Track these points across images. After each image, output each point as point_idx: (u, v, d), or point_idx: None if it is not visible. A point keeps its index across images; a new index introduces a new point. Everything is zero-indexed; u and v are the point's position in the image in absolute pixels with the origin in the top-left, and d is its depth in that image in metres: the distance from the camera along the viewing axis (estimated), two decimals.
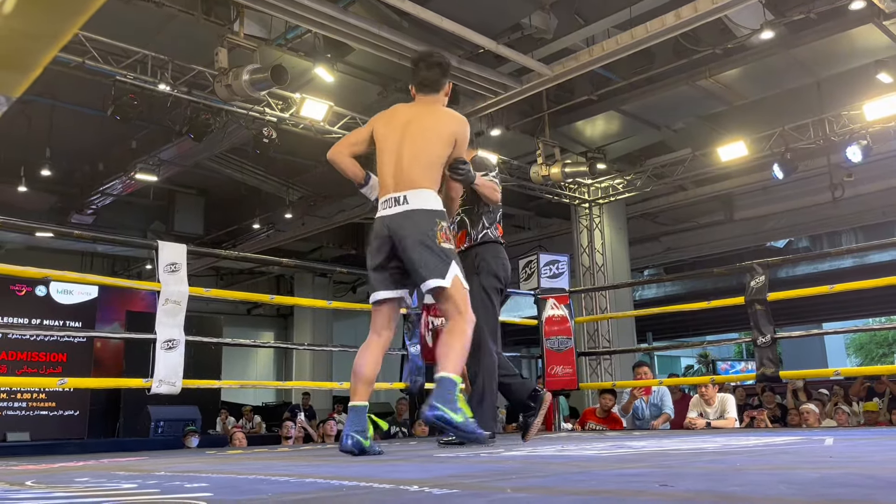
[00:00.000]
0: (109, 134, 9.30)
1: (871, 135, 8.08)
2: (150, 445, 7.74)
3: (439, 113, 3.02)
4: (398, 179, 2.89)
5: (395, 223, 2.83)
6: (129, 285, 6.48)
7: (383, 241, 2.86)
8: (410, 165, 2.88)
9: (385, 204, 2.89)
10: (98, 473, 2.32)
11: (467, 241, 3.60)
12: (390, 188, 2.89)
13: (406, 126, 2.95)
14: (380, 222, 2.89)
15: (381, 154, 2.95)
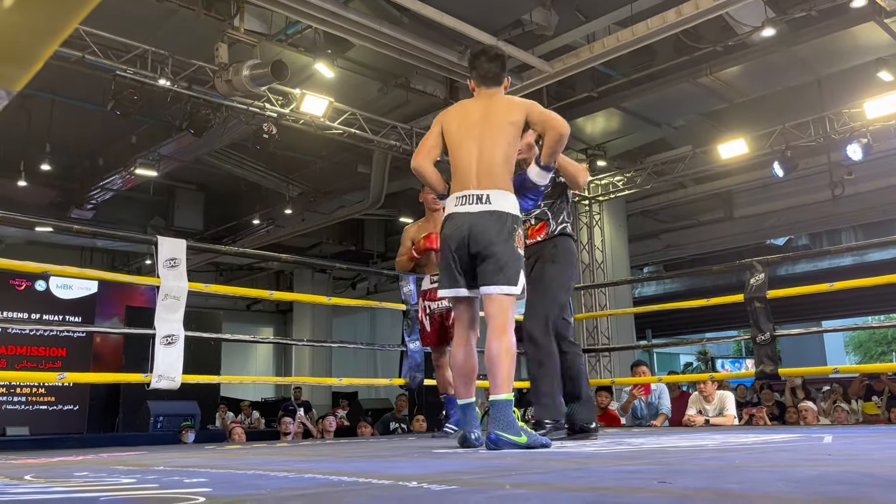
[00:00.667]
0: (109, 129, 9.29)
1: (872, 133, 8.07)
2: (150, 440, 7.75)
3: (510, 104, 2.96)
4: (479, 177, 2.85)
5: (478, 221, 2.80)
6: (129, 280, 6.47)
7: (462, 238, 2.82)
8: (491, 163, 2.84)
9: (463, 200, 2.84)
10: (97, 468, 2.32)
11: (544, 233, 3.62)
12: (470, 185, 2.85)
13: (482, 122, 2.90)
14: (460, 219, 2.83)
15: (456, 150, 2.91)
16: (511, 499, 1.28)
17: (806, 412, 6.30)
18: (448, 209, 2.89)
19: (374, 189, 10.30)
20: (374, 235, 14.15)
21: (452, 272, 2.86)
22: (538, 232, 3.61)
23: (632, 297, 12.01)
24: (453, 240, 2.83)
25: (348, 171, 10.99)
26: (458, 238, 2.81)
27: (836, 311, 15.91)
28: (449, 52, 7.19)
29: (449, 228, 2.85)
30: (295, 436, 7.58)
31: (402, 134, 8.69)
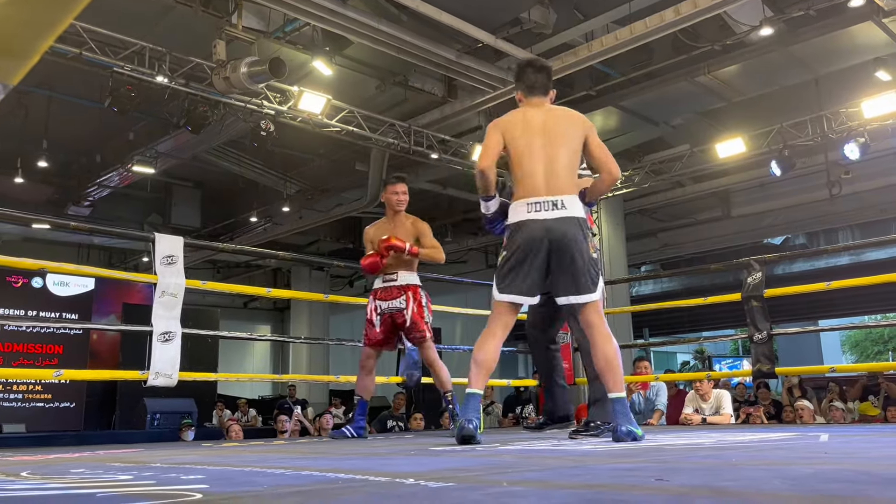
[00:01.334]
0: (107, 126, 9.27)
1: (869, 132, 8.08)
2: (147, 438, 7.74)
3: (570, 116, 3.06)
4: (549, 184, 2.89)
5: (558, 227, 2.83)
6: (126, 277, 6.48)
7: (538, 244, 2.83)
8: (560, 171, 2.90)
9: (537, 206, 2.86)
10: (94, 465, 2.32)
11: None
12: (541, 191, 2.88)
13: (545, 131, 2.96)
14: (537, 225, 2.84)
15: (522, 157, 2.94)
16: (508, 496, 1.28)
17: (802, 411, 6.31)
18: (517, 216, 2.90)
19: (372, 187, 10.30)
20: None
21: (526, 279, 2.88)
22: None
23: (629, 295, 12.01)
24: (530, 246, 2.84)
25: (346, 169, 10.98)
26: (536, 244, 2.83)
27: (832, 311, 15.93)
28: (447, 50, 7.18)
29: (524, 235, 2.86)
30: (292, 434, 7.58)
31: (400, 132, 8.68)
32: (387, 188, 4.40)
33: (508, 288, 2.91)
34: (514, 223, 2.91)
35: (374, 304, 4.34)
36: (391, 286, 4.33)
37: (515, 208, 2.91)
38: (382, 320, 4.27)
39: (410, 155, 8.91)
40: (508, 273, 2.91)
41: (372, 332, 4.29)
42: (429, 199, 12.69)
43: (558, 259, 2.84)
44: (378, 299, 4.33)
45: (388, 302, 4.29)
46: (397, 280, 4.33)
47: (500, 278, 2.95)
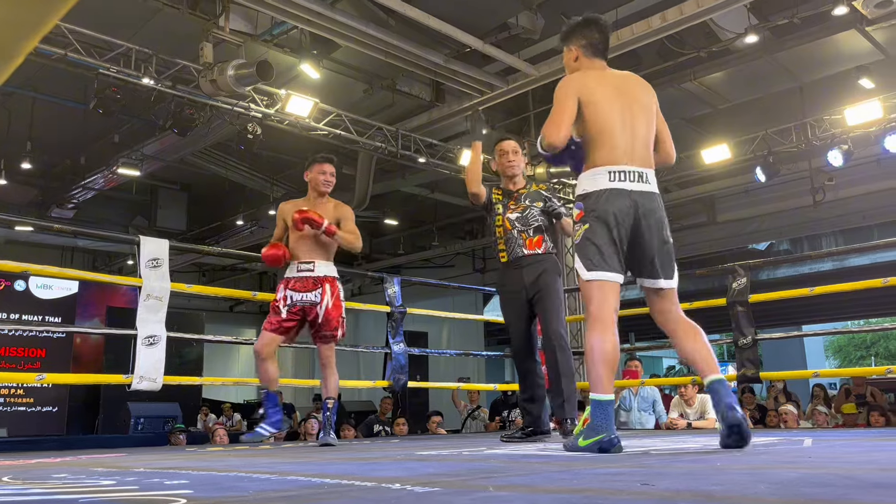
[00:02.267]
0: (92, 128, 9.22)
1: (852, 139, 8.16)
2: (130, 442, 7.67)
3: (643, 83, 2.78)
4: (634, 153, 2.59)
5: (646, 202, 2.55)
6: (111, 280, 6.43)
7: (626, 216, 2.51)
8: (644, 140, 2.63)
9: (623, 175, 2.54)
10: (76, 470, 2.30)
11: (543, 246, 3.90)
12: (624, 159, 2.56)
13: (622, 95, 2.67)
14: (626, 195, 2.52)
15: (606, 121, 2.59)
16: (494, 501, 1.28)
17: (786, 415, 6.35)
18: (599, 183, 2.55)
19: (359, 191, 10.28)
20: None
21: (614, 255, 2.52)
22: (536, 244, 3.86)
23: None
24: (619, 217, 2.51)
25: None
26: (623, 216, 2.51)
27: (816, 316, 16.07)
28: (435, 54, 7.19)
29: (611, 205, 2.51)
30: (277, 438, 7.53)
31: (388, 136, 8.68)
32: (313, 167, 4.17)
33: (600, 264, 2.51)
34: (593, 191, 2.56)
35: (284, 294, 3.95)
36: (306, 277, 3.98)
37: (593, 176, 2.57)
38: (292, 312, 3.93)
39: (398, 159, 8.91)
40: (600, 249, 2.52)
41: (276, 319, 3.91)
42: (416, 203, 12.70)
43: (646, 238, 2.55)
44: (290, 290, 3.95)
45: (301, 294, 3.94)
46: (314, 270, 3.99)
47: (586, 256, 2.54)
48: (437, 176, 10.29)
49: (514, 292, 3.89)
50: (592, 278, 2.51)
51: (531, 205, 3.90)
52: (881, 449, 2.58)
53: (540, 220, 3.88)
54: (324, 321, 3.92)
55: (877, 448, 2.61)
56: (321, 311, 3.92)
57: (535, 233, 3.86)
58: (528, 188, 3.98)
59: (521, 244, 3.84)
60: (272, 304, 4.01)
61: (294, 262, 4.03)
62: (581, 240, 2.57)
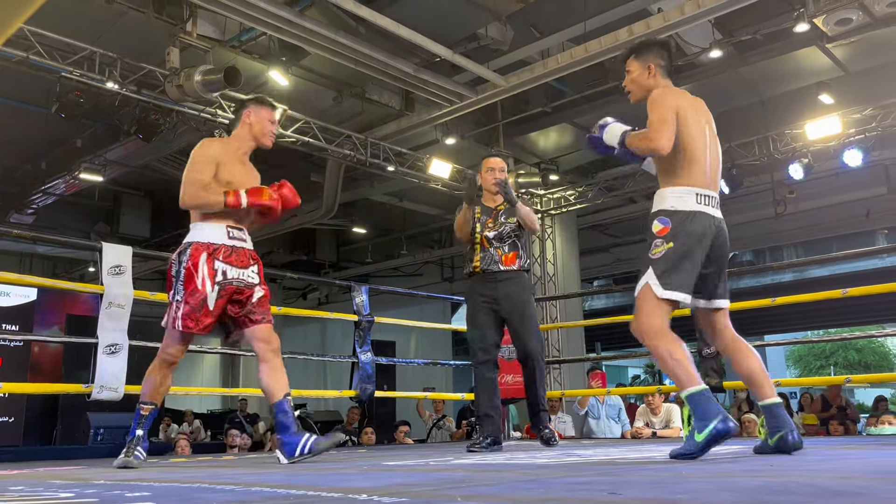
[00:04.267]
0: (53, 132, 9.02)
1: (813, 153, 8.35)
2: (89, 453, 7.50)
3: (709, 111, 2.85)
4: (714, 179, 2.72)
5: (722, 228, 2.69)
6: (71, 288, 6.30)
7: (706, 240, 2.61)
8: (717, 168, 2.76)
9: (708, 200, 2.64)
10: (33, 482, 2.24)
11: (518, 263, 4.04)
12: (708, 184, 2.66)
13: (704, 119, 2.77)
14: (708, 220, 2.62)
15: (696, 142, 2.67)
16: None
17: (749, 424, 6.45)
18: (686, 205, 2.60)
19: (328, 198, 10.23)
20: (326, 245, 13.99)
21: (692, 276, 2.59)
22: (511, 261, 4.00)
23: (582, 309, 12.15)
24: (703, 241, 2.60)
25: (301, 180, 10.87)
26: (706, 240, 2.61)
27: (777, 326, 16.37)
28: (405, 63, 7.20)
29: (697, 227, 2.58)
30: (241, 448, 7.43)
31: (357, 144, 8.66)
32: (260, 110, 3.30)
33: (678, 285, 2.55)
34: (683, 211, 2.59)
35: (212, 267, 2.97)
36: (242, 248, 3.12)
37: (683, 196, 2.61)
38: (222, 293, 2.99)
39: (367, 167, 8.89)
40: (675, 266, 2.56)
41: (203, 311, 2.95)
42: (385, 211, 12.67)
43: (717, 261, 2.68)
44: (224, 261, 3.02)
45: (239, 270, 3.06)
46: (246, 241, 3.17)
47: (666, 272, 2.56)
48: (406, 185, 10.29)
49: (486, 302, 4.01)
50: (668, 297, 2.56)
51: (506, 221, 4.08)
52: (841, 457, 2.63)
53: (514, 236, 4.05)
54: (261, 301, 3.12)
55: (836, 457, 2.66)
56: (258, 294, 3.12)
57: (510, 249, 4.02)
58: (504, 204, 4.14)
59: (497, 259, 4.00)
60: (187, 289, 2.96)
61: (219, 224, 3.09)
62: (663, 255, 2.58)
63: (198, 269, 2.96)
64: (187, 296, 2.96)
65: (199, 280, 2.95)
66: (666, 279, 2.55)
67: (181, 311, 2.96)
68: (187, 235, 3.10)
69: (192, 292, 2.95)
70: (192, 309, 2.95)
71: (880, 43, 7.29)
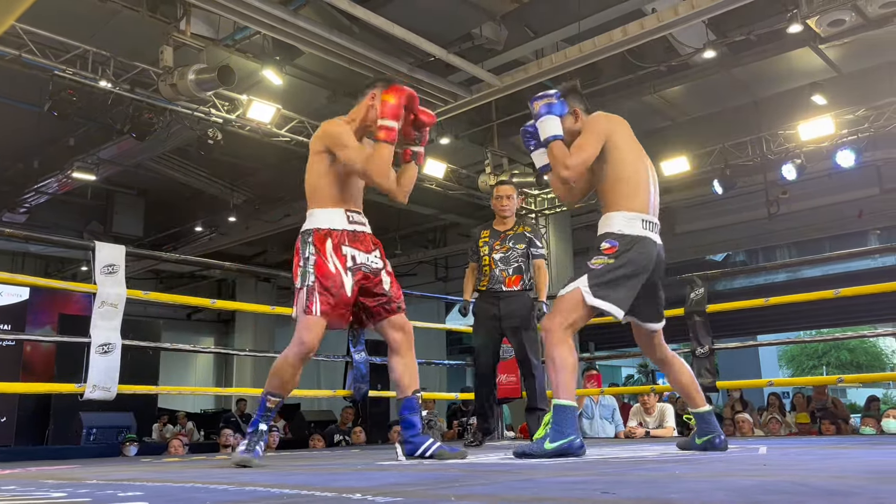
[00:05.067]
0: (46, 130, 8.98)
1: (805, 154, 8.38)
2: (82, 453, 7.46)
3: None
4: (656, 204, 2.87)
5: (662, 254, 2.83)
6: (64, 287, 6.26)
7: (648, 265, 2.74)
8: (657, 194, 2.91)
9: (652, 226, 2.79)
10: (26, 482, 2.23)
11: (521, 284, 4.42)
12: (650, 209, 2.81)
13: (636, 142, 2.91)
14: (652, 245, 2.76)
15: (636, 165, 2.81)
16: None
17: (742, 423, 6.47)
18: (632, 229, 2.73)
19: None
20: None
21: (628, 294, 2.71)
22: (515, 282, 4.39)
23: None
24: (647, 267, 2.74)
25: (295, 180, 10.79)
26: (650, 267, 2.75)
27: (770, 326, 16.40)
28: (399, 62, 7.19)
29: (644, 252, 2.72)
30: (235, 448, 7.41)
31: None
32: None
33: (605, 295, 2.67)
34: (630, 235, 2.72)
35: (341, 253, 2.75)
36: (362, 232, 2.89)
37: (629, 221, 2.74)
38: (356, 280, 2.77)
39: None
40: (611, 280, 2.67)
41: (340, 294, 2.72)
42: (379, 210, 12.62)
43: (655, 285, 2.84)
44: (351, 246, 2.79)
45: (365, 255, 2.82)
46: (366, 225, 2.94)
47: (599, 284, 2.67)
48: None
49: (488, 319, 4.46)
50: (595, 305, 2.67)
51: (514, 246, 4.44)
52: (833, 457, 2.64)
53: (520, 261, 4.41)
54: (392, 288, 2.88)
55: (829, 456, 2.67)
56: (386, 278, 2.87)
57: (514, 272, 4.39)
58: (515, 229, 4.51)
59: (501, 281, 4.38)
60: (319, 273, 2.72)
61: (339, 209, 2.85)
62: (602, 267, 2.69)
63: (327, 255, 2.74)
64: (321, 279, 2.72)
65: (331, 265, 2.73)
66: (598, 289, 2.67)
67: (316, 296, 2.71)
68: (306, 223, 2.86)
69: (325, 276, 2.72)
70: (328, 293, 2.71)
71: (873, 44, 7.32)
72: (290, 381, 2.85)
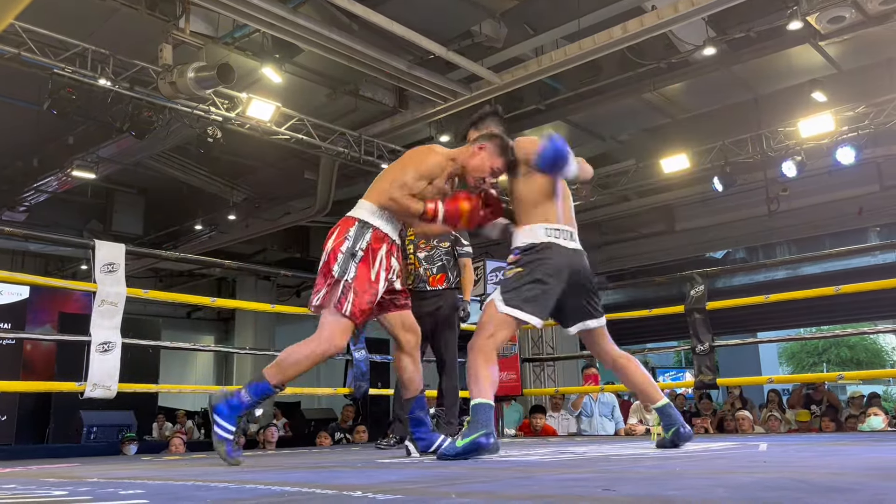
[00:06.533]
0: (45, 129, 8.97)
1: (805, 151, 8.37)
2: (82, 452, 7.47)
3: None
4: (566, 215, 2.94)
5: (579, 260, 2.88)
6: (64, 285, 6.26)
7: (560, 271, 2.80)
8: (568, 203, 2.99)
9: (561, 234, 2.85)
10: (27, 480, 2.23)
11: (446, 283, 4.31)
12: (560, 220, 2.89)
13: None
14: (562, 250, 2.82)
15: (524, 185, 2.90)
16: None
17: (742, 421, 6.47)
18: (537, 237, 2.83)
19: (321, 196, 10.21)
20: (320, 243, 13.83)
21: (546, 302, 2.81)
22: (439, 281, 4.29)
23: None
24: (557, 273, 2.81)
25: (295, 178, 10.86)
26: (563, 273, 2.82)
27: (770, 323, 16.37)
28: (399, 60, 7.19)
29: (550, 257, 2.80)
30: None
31: (351, 141, 8.64)
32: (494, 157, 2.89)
33: (517, 303, 2.74)
34: (531, 243, 2.81)
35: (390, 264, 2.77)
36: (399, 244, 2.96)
37: (530, 231, 2.84)
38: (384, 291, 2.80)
39: (360, 164, 8.88)
40: (520, 287, 2.75)
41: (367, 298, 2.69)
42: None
43: (579, 289, 2.88)
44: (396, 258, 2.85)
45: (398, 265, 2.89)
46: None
47: (509, 292, 2.76)
48: None
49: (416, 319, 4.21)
50: (508, 313, 2.73)
51: (438, 245, 4.35)
52: (833, 454, 2.64)
53: (444, 259, 4.33)
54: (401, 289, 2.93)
55: (829, 453, 2.67)
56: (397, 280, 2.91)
57: (438, 271, 4.30)
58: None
59: (426, 280, 4.28)
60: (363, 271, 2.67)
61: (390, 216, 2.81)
62: (512, 276, 2.80)
63: (377, 260, 2.70)
64: (360, 282, 2.65)
65: (374, 272, 2.69)
66: (509, 299, 2.74)
67: (351, 296, 2.65)
68: (359, 211, 2.79)
69: (364, 280, 2.67)
70: (363, 293, 2.67)
71: (873, 41, 7.31)
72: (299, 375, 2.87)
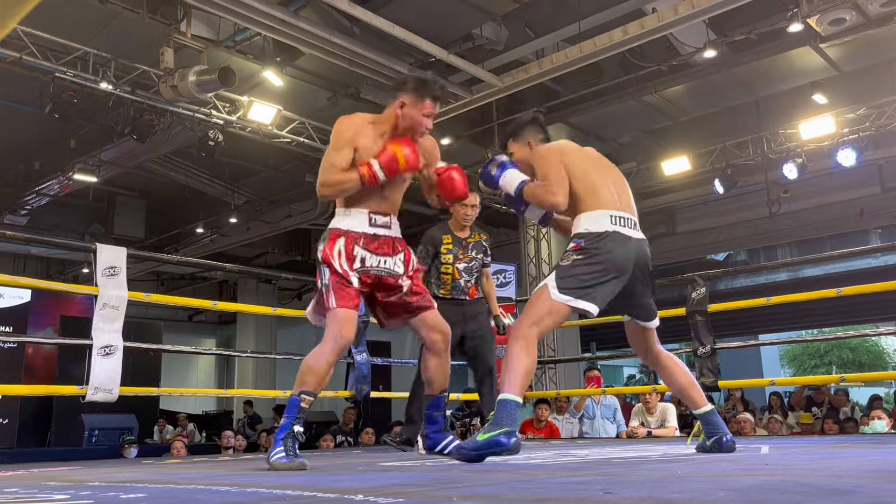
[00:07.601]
0: (47, 132, 8.99)
1: (807, 153, 8.37)
2: (84, 455, 7.48)
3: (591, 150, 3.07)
4: (622, 201, 2.79)
5: (643, 250, 2.76)
6: (65, 289, 6.27)
7: (625, 261, 2.67)
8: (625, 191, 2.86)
9: (624, 221, 2.72)
10: (28, 484, 2.23)
11: (478, 293, 4.44)
12: (618, 206, 2.75)
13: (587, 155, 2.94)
14: (625, 239, 2.68)
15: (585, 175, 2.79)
16: None
17: (744, 423, 6.46)
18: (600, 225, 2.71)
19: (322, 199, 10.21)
20: None
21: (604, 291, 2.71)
22: (475, 293, 4.42)
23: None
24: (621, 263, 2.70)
25: (296, 181, 10.87)
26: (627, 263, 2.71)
27: (772, 325, 16.37)
28: (399, 63, 7.20)
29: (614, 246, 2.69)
30: (236, 450, 7.42)
31: None
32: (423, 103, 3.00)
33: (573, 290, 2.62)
34: (596, 232, 2.68)
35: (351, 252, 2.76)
36: (385, 236, 2.86)
37: (594, 218, 2.71)
38: (362, 280, 2.78)
39: None
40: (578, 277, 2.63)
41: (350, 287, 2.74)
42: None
43: (643, 281, 2.76)
44: (364, 248, 2.78)
45: (380, 258, 2.81)
46: (391, 228, 2.90)
47: (564, 278, 2.65)
48: None
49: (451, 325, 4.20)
50: (560, 300, 2.62)
51: (476, 256, 4.41)
52: (835, 456, 2.63)
53: (478, 271, 4.44)
54: (412, 290, 2.88)
55: (831, 455, 2.67)
56: (405, 282, 2.86)
57: (475, 282, 4.40)
58: (473, 237, 4.47)
59: (465, 291, 4.33)
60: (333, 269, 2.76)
61: (359, 210, 2.83)
62: (570, 263, 2.68)
63: (334, 252, 2.77)
64: (334, 280, 2.75)
65: (338, 265, 2.75)
66: (564, 286, 2.62)
67: (332, 291, 2.74)
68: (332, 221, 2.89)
69: (334, 273, 2.75)
70: (340, 286, 2.73)
71: (874, 43, 7.31)
72: (325, 377, 2.76)
